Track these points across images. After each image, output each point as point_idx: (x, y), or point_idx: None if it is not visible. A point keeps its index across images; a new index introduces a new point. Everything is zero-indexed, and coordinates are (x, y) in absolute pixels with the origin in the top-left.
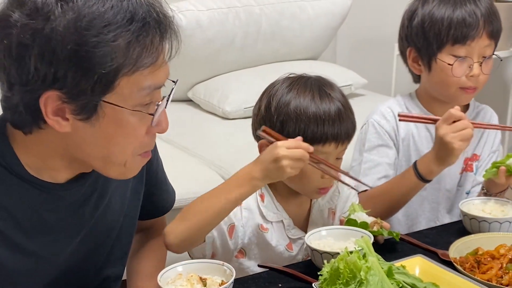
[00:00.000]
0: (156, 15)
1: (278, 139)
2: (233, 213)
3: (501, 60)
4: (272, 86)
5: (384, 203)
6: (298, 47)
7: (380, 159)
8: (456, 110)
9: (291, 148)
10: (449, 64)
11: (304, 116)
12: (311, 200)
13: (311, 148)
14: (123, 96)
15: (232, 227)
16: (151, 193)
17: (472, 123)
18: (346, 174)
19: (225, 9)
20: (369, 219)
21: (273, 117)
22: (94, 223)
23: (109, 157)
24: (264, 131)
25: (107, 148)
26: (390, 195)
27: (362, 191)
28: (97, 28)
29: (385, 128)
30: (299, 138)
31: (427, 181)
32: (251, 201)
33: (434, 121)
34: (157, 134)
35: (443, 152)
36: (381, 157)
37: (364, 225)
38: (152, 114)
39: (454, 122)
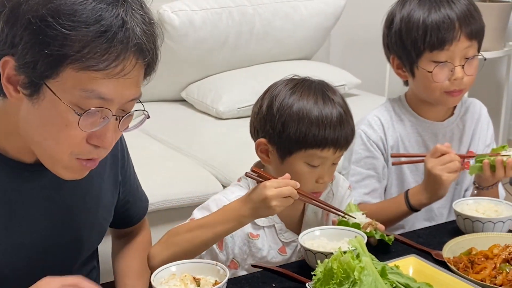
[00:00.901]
0: (130, 30)
1: (266, 179)
2: None
3: (485, 60)
4: (274, 86)
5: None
6: (291, 47)
7: (367, 172)
8: (442, 145)
9: (279, 187)
10: (428, 72)
11: (307, 119)
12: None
13: (298, 184)
14: (63, 88)
15: (221, 240)
16: (127, 201)
17: (460, 156)
18: (337, 210)
19: (219, 9)
20: (365, 220)
21: (274, 118)
22: (73, 213)
23: (44, 145)
24: (253, 171)
25: (41, 133)
26: (381, 217)
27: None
28: (59, 12)
29: (372, 138)
30: (287, 175)
31: (417, 210)
32: None
33: (423, 158)
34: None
35: (432, 185)
36: (368, 169)
37: (356, 226)
38: (79, 115)
39: (441, 155)
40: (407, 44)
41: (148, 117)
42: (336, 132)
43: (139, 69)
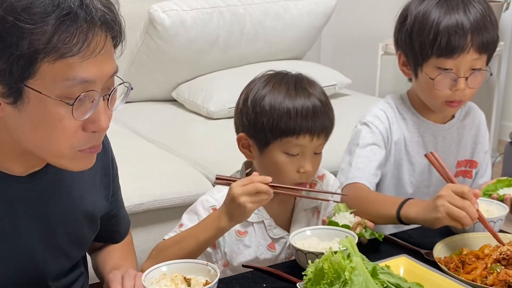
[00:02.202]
0: (90, 6)
1: (233, 181)
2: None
3: (491, 75)
4: (252, 81)
5: (366, 211)
6: (282, 47)
7: (372, 157)
8: (471, 193)
9: (245, 185)
10: (431, 78)
11: (278, 109)
12: (294, 198)
13: (267, 179)
14: (45, 84)
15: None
16: (114, 214)
17: (479, 214)
18: (315, 190)
19: (209, 9)
20: (354, 219)
21: (249, 110)
22: (58, 227)
23: (42, 147)
24: (217, 178)
25: (36, 136)
26: (374, 208)
27: (349, 184)
28: (16, 9)
29: (379, 128)
30: (254, 174)
31: (402, 221)
32: None
33: (450, 180)
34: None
35: (429, 210)
36: (374, 155)
37: (345, 227)
38: (71, 105)
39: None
40: (415, 45)
41: (132, 88)
42: (310, 121)
43: (110, 42)
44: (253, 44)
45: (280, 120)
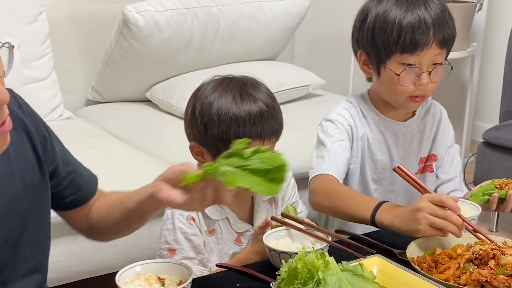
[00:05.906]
0: None
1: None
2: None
3: (452, 69)
4: (198, 89)
5: (336, 207)
6: (256, 47)
7: (342, 152)
8: (450, 200)
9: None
10: (396, 74)
11: (225, 118)
12: None
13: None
14: None
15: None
16: (69, 172)
17: (462, 219)
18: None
19: (183, 10)
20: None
21: (197, 120)
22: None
23: None
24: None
25: None
26: (346, 206)
27: (319, 174)
28: None
29: (344, 125)
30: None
31: (376, 225)
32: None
33: (420, 188)
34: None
35: (407, 221)
36: (343, 150)
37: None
38: None
39: (441, 206)
40: (378, 43)
41: (13, 46)
42: (258, 127)
43: None
44: (227, 45)
45: (229, 129)
